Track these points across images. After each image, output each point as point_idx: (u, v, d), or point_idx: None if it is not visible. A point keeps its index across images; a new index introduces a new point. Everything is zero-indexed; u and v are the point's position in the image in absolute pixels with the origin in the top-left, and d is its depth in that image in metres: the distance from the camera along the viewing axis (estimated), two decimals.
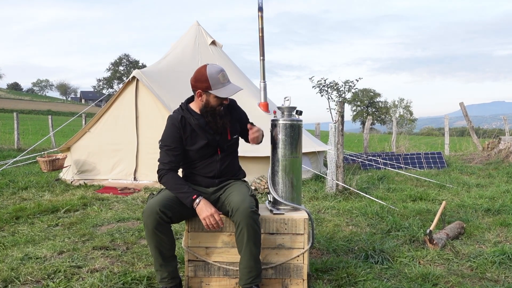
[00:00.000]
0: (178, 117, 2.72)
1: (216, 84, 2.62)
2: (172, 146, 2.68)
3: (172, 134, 2.69)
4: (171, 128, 2.70)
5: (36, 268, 3.18)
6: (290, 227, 2.77)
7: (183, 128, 2.70)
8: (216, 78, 2.61)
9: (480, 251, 3.49)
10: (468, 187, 6.61)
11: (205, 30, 8.60)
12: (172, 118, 2.74)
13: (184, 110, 2.74)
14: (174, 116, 2.74)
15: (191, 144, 2.71)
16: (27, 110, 47.66)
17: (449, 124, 12.88)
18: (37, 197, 5.99)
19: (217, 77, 2.62)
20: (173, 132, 2.69)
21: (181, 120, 2.71)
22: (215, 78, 2.61)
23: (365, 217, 4.66)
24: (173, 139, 2.69)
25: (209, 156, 2.76)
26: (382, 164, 9.03)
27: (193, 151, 2.72)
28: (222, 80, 2.63)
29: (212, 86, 2.61)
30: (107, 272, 3.07)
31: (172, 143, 2.68)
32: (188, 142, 2.71)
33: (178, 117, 2.72)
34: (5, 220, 4.62)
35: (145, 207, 2.57)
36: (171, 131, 2.70)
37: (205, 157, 2.75)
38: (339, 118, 6.05)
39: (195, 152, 2.72)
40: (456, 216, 4.68)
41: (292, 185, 2.85)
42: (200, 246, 2.78)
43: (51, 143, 13.71)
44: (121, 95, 7.08)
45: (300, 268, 2.78)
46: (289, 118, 2.85)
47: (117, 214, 4.95)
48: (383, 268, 3.19)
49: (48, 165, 6.91)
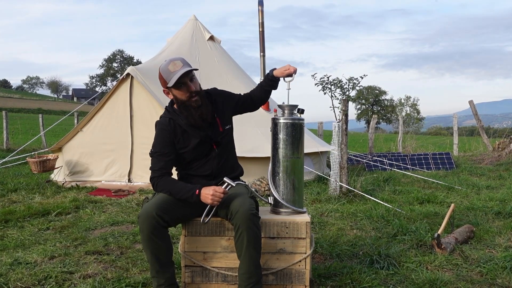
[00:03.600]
0: (166, 121, 2.71)
1: (168, 76, 2.61)
2: (164, 151, 2.67)
3: (163, 139, 2.68)
4: (161, 133, 2.70)
5: (26, 273, 3.18)
6: (291, 231, 2.77)
7: (173, 131, 2.70)
8: (166, 71, 2.61)
9: (491, 256, 3.48)
10: (478, 189, 6.61)
11: (202, 25, 8.60)
12: (160, 123, 2.73)
13: (170, 112, 2.74)
14: (161, 121, 2.74)
15: (185, 145, 2.71)
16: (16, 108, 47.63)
17: (458, 123, 12.90)
18: (27, 199, 5.98)
19: (167, 69, 2.61)
20: (164, 137, 2.68)
21: (169, 123, 2.71)
22: (166, 71, 2.61)
23: (370, 221, 4.66)
24: (164, 144, 2.68)
25: (205, 154, 2.76)
26: (388, 165, 9.03)
27: (188, 151, 2.72)
28: (172, 69, 2.59)
29: (167, 80, 2.62)
30: (100, 278, 3.07)
31: (164, 148, 2.67)
32: (181, 143, 2.70)
33: (166, 120, 2.72)
34: None
35: (140, 211, 2.57)
36: (162, 136, 2.69)
37: (201, 155, 2.75)
38: (343, 116, 6.06)
39: (190, 152, 2.72)
40: (465, 219, 4.68)
41: (294, 187, 2.85)
42: (198, 251, 2.78)
43: (42, 143, 13.71)
44: (115, 93, 7.07)
45: (302, 274, 2.78)
46: (291, 116, 2.84)
47: (110, 217, 4.95)
48: (389, 274, 3.20)
49: (38, 166, 6.91)
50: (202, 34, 8.45)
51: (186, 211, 2.66)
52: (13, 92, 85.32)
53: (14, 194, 6.33)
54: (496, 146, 10.87)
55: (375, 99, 62.16)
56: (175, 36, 8.60)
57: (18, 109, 47.21)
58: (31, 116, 34.16)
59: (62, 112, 39.29)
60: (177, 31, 8.71)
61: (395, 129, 27.26)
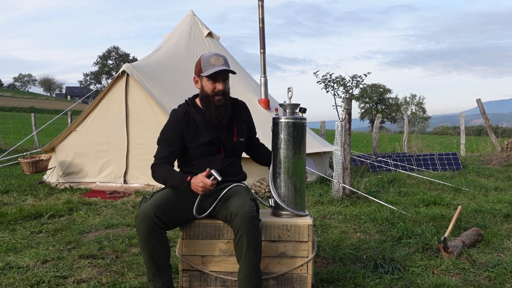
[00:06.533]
0: (182, 112, 2.78)
1: (206, 66, 2.70)
2: (171, 141, 2.74)
3: (173, 128, 2.75)
4: (173, 123, 2.76)
5: (18, 278, 3.18)
6: (293, 234, 2.78)
7: (187, 124, 2.75)
8: (207, 61, 2.71)
9: (499, 260, 3.49)
10: (485, 190, 6.62)
11: (200, 21, 8.60)
12: (176, 112, 2.80)
13: (189, 105, 2.81)
14: (178, 111, 2.81)
15: (194, 140, 2.75)
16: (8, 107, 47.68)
17: (465, 122, 12.91)
18: (19, 201, 5.99)
19: (208, 60, 2.71)
20: (175, 127, 2.74)
21: (185, 115, 2.77)
22: (206, 61, 2.71)
23: (374, 223, 4.67)
24: (173, 133, 2.74)
25: (211, 154, 2.79)
26: (392, 166, 9.04)
27: (194, 147, 2.75)
28: (213, 62, 2.70)
29: (203, 68, 2.71)
30: (94, 283, 3.08)
31: (172, 138, 2.74)
32: (190, 138, 2.75)
33: (182, 112, 2.78)
34: None
35: (138, 211, 2.58)
36: (173, 126, 2.75)
37: (207, 155, 2.78)
38: (346, 116, 6.06)
39: (196, 148, 2.75)
40: (472, 222, 4.69)
41: (295, 188, 2.85)
42: (196, 254, 2.78)
43: (34, 143, 13.72)
44: (110, 91, 7.08)
45: (304, 279, 2.78)
46: (292, 116, 2.85)
47: (105, 220, 4.95)
48: (394, 279, 3.20)
49: (31, 167, 6.92)
50: (200, 30, 8.46)
51: (184, 215, 2.68)
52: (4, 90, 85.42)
53: (5, 195, 6.33)
54: (505, 146, 10.86)
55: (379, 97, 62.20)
56: (172, 32, 8.60)
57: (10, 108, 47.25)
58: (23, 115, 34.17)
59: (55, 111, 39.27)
60: (174, 27, 8.72)
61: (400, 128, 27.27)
